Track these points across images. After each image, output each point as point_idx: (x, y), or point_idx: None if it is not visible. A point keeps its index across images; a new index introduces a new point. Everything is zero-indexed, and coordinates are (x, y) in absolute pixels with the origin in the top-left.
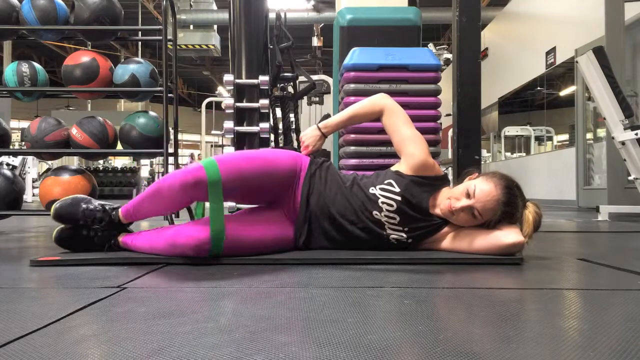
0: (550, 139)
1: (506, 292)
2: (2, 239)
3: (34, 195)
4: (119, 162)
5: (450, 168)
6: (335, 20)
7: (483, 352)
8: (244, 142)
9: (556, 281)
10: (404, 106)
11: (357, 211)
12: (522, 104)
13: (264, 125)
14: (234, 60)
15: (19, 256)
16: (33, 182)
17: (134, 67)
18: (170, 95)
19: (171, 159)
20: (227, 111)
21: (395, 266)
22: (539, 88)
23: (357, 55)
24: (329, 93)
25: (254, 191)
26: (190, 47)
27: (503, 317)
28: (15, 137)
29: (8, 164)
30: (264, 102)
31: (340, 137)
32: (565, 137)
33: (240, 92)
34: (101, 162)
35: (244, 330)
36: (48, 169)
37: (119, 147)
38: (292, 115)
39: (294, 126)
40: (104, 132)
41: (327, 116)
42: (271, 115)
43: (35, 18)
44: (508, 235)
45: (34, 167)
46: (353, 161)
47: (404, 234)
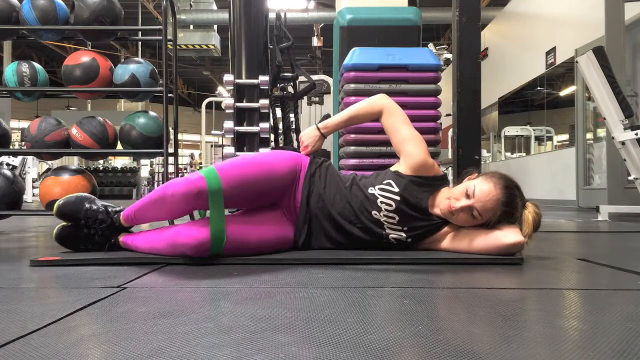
0: (550, 139)
1: (506, 292)
2: (2, 239)
3: (34, 195)
4: (119, 162)
5: (450, 168)
6: (335, 20)
7: (483, 352)
8: (244, 142)
9: (556, 281)
10: (404, 106)
11: (356, 211)
12: (522, 104)
13: (264, 125)
14: (234, 60)
15: (19, 256)
16: (33, 182)
17: (134, 67)
18: (170, 95)
19: (171, 159)
20: (227, 111)
21: (395, 266)
22: (539, 88)
23: (357, 55)
24: (329, 93)
25: (254, 196)
26: (190, 47)
27: (503, 317)
28: (15, 137)
29: (8, 164)
30: (264, 102)
31: (340, 137)
32: (565, 137)
33: (240, 92)
34: (101, 162)
35: (244, 330)
36: (48, 169)
37: (119, 147)
38: (292, 115)
39: (294, 126)
40: (104, 132)
41: (327, 116)
42: (271, 115)
43: (35, 18)
44: (508, 235)
45: (34, 167)
46: (353, 161)
47: (404, 234)
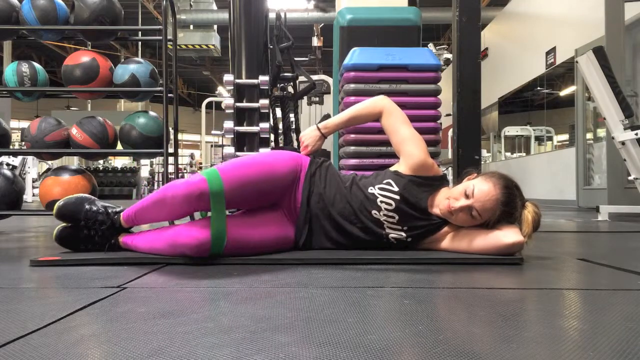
0: (550, 139)
1: (506, 292)
2: (2, 239)
3: (34, 195)
4: (119, 162)
5: (450, 168)
6: (335, 20)
7: (483, 352)
8: (244, 142)
9: (556, 281)
10: (404, 106)
11: (356, 211)
12: (522, 104)
13: (264, 125)
14: (234, 60)
15: (19, 256)
16: (33, 182)
17: (134, 67)
18: (170, 95)
19: (171, 159)
20: (227, 111)
21: (395, 266)
22: (539, 88)
23: (357, 55)
24: (329, 93)
25: (255, 196)
26: (190, 47)
27: (503, 317)
28: (15, 137)
29: (8, 164)
30: (264, 102)
31: (340, 137)
32: (565, 137)
33: (240, 92)
34: (101, 162)
35: (244, 330)
36: (48, 169)
37: (119, 147)
38: (292, 115)
39: (294, 126)
40: (104, 132)
41: (327, 116)
42: (271, 115)
43: (35, 18)
44: (507, 235)
45: (34, 167)
46: (353, 161)
47: (403, 233)
